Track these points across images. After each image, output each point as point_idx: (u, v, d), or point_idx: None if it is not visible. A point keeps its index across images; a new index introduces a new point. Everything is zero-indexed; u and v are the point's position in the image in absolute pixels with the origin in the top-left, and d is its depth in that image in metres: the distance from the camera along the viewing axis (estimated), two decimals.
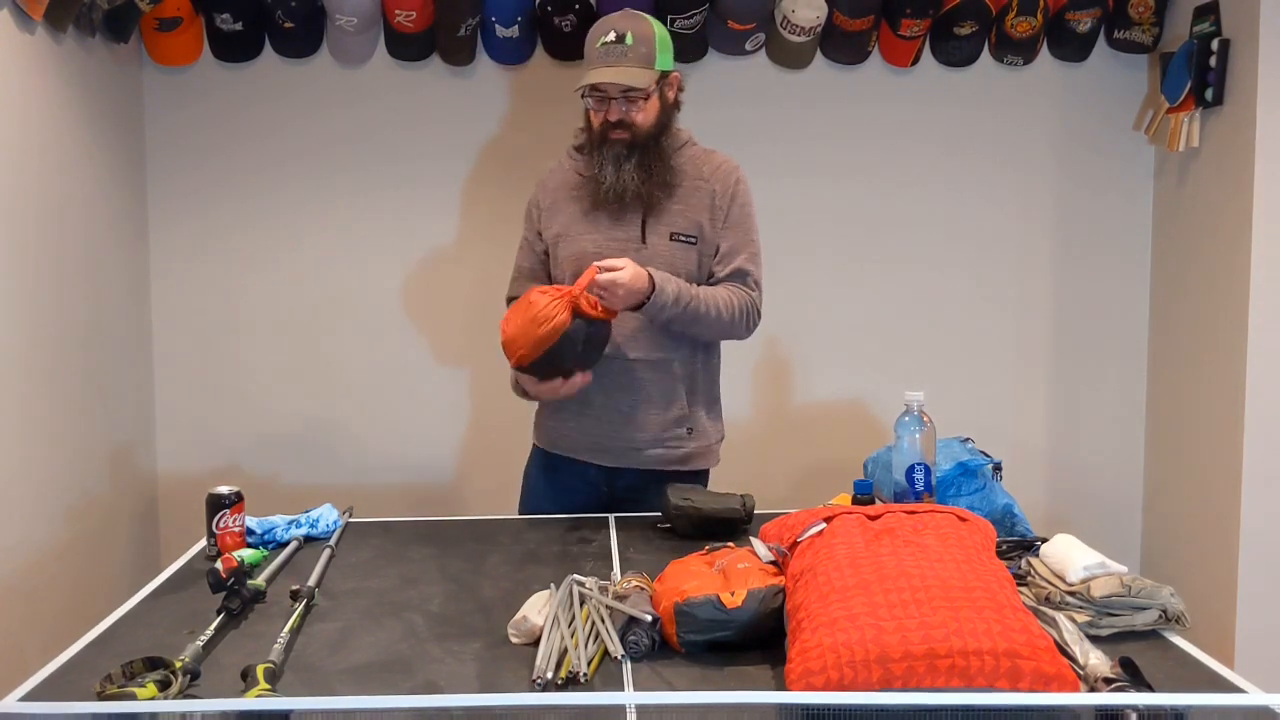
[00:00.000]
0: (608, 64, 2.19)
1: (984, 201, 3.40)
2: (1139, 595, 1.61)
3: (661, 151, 2.28)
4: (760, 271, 2.38)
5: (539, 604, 1.65)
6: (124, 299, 3.10)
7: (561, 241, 2.35)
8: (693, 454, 2.37)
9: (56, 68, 2.67)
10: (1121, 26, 3.28)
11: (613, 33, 2.20)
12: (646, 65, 2.21)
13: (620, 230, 2.30)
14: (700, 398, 2.38)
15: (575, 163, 2.38)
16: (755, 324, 2.36)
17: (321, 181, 3.29)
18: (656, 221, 2.29)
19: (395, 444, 3.37)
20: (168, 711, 1.36)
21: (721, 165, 2.36)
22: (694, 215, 2.31)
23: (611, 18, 2.26)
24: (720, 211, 2.33)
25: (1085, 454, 3.48)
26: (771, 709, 1.32)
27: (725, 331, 2.34)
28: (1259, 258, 2.90)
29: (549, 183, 2.41)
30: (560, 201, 2.37)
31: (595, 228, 2.31)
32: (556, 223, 2.36)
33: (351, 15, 3.07)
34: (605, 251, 2.26)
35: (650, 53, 2.21)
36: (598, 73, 2.19)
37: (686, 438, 2.36)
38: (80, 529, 2.78)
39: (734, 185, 2.35)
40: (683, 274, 2.28)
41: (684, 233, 2.30)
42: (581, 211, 2.33)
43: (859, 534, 1.58)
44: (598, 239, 2.30)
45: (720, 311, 2.27)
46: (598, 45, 2.21)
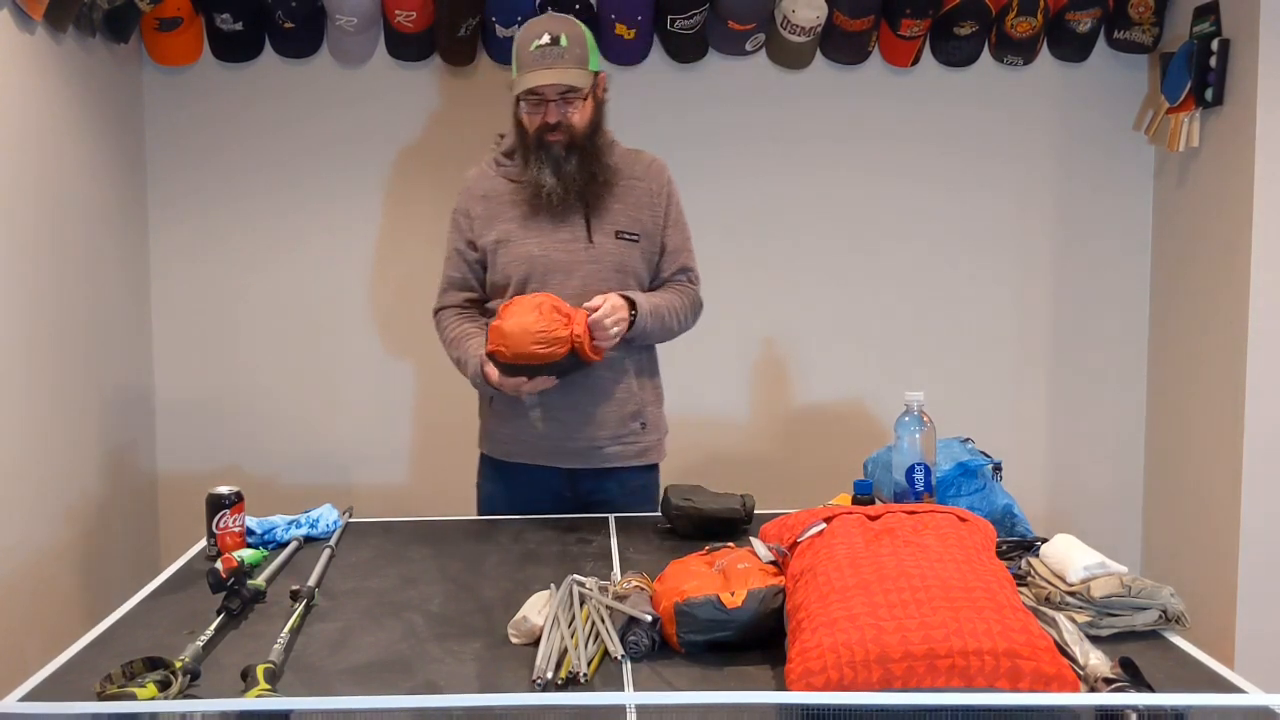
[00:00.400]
0: (545, 66, 2.18)
1: (984, 202, 3.40)
2: (1139, 595, 1.61)
3: (598, 151, 2.29)
4: (697, 262, 2.45)
5: (539, 604, 1.65)
6: (124, 299, 3.10)
7: (502, 248, 2.33)
8: (648, 448, 2.41)
9: (56, 68, 2.67)
10: (1121, 26, 3.28)
11: (546, 35, 2.19)
12: (582, 66, 2.22)
13: (565, 231, 2.30)
14: (649, 392, 2.41)
15: (504, 169, 2.36)
16: (699, 315, 2.46)
17: (321, 181, 3.29)
18: (600, 221, 2.31)
19: (395, 444, 3.37)
20: (168, 711, 1.36)
21: (651, 164, 2.39)
22: (634, 213, 2.34)
23: (541, 21, 2.25)
24: (659, 209, 2.36)
25: (1085, 454, 3.48)
26: (771, 709, 1.32)
27: (681, 331, 2.41)
28: (1259, 258, 2.90)
29: (476, 190, 2.37)
30: (495, 208, 2.34)
31: (538, 232, 2.30)
32: (494, 230, 2.33)
33: (351, 15, 3.07)
34: (552, 254, 2.28)
35: (584, 54, 2.23)
36: (537, 75, 2.19)
37: (641, 432, 2.39)
38: (80, 529, 2.78)
39: (667, 183, 2.39)
40: (630, 271, 2.32)
41: (628, 230, 2.33)
42: (520, 217, 2.31)
43: (859, 534, 1.58)
44: (543, 242, 2.30)
45: (679, 316, 2.37)
46: (532, 49, 2.19)
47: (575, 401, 2.31)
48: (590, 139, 2.27)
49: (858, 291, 3.41)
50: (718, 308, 3.36)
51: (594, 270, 2.29)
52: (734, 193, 3.36)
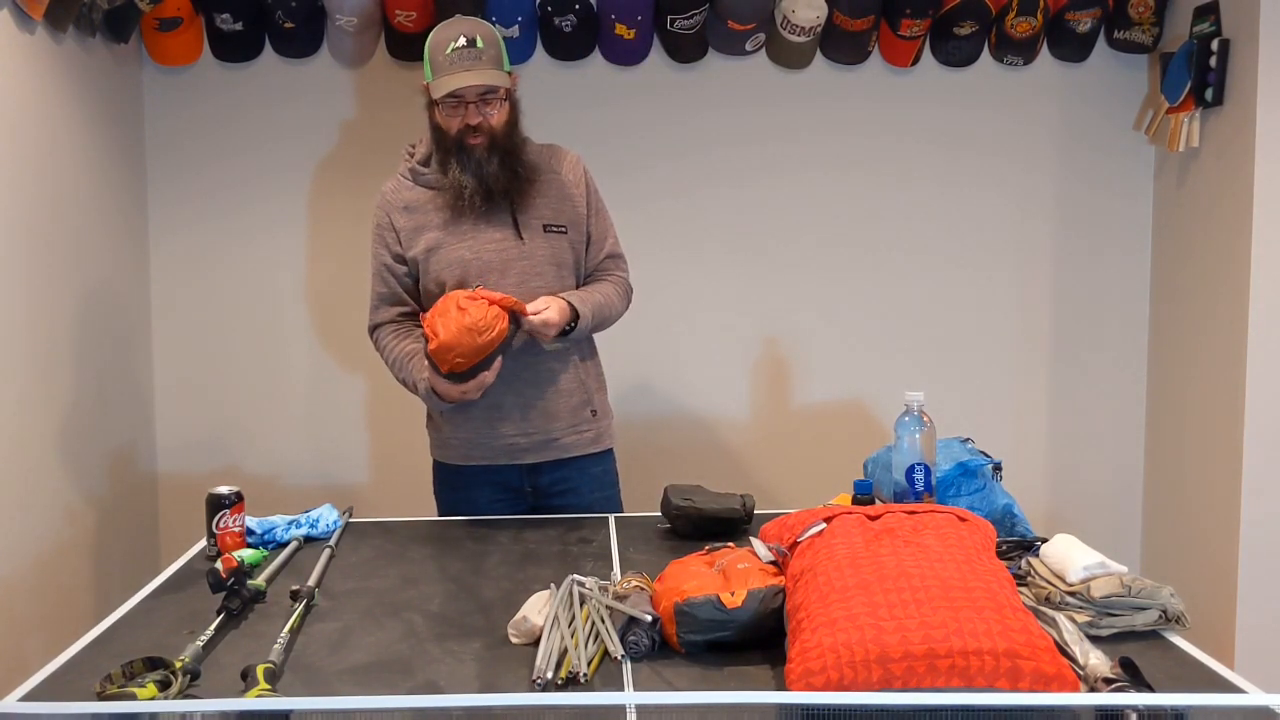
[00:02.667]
0: (465, 68, 2.18)
1: (984, 202, 3.40)
2: (1139, 595, 1.61)
3: (516, 148, 2.29)
4: (621, 246, 2.47)
5: (539, 604, 1.65)
6: (124, 299, 3.10)
7: (433, 256, 2.32)
8: (600, 434, 2.42)
9: (56, 68, 2.67)
10: (1121, 26, 3.28)
11: (462, 38, 2.19)
12: (499, 66, 2.23)
13: (494, 231, 2.30)
14: (594, 379, 2.44)
15: (421, 178, 2.35)
16: (631, 297, 2.48)
17: (322, 182, 3.29)
18: (527, 217, 2.32)
19: (396, 444, 3.37)
20: (168, 711, 1.36)
21: (566, 156, 2.41)
22: (558, 205, 2.35)
23: (453, 24, 2.24)
24: (580, 199, 2.38)
25: (1085, 454, 3.48)
26: (771, 709, 1.32)
27: (616, 319, 2.43)
28: (1259, 257, 2.90)
29: (396, 201, 2.36)
30: (418, 218, 2.33)
31: (466, 235, 2.30)
32: (423, 238, 2.32)
33: (351, 15, 3.07)
34: (484, 255, 2.29)
35: (499, 54, 2.24)
36: (457, 78, 2.18)
37: (593, 419, 2.40)
38: (80, 529, 2.78)
39: (584, 174, 2.41)
40: (563, 263, 2.35)
41: (554, 224, 2.34)
42: (445, 222, 2.31)
43: (859, 534, 1.58)
44: (473, 245, 2.30)
45: (615, 307, 2.39)
46: (448, 51, 2.19)
47: (526, 398, 2.32)
48: (509, 139, 2.28)
49: (858, 291, 3.41)
50: (718, 308, 3.38)
51: (527, 266, 2.31)
52: (733, 193, 3.36)
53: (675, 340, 3.38)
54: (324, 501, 2.26)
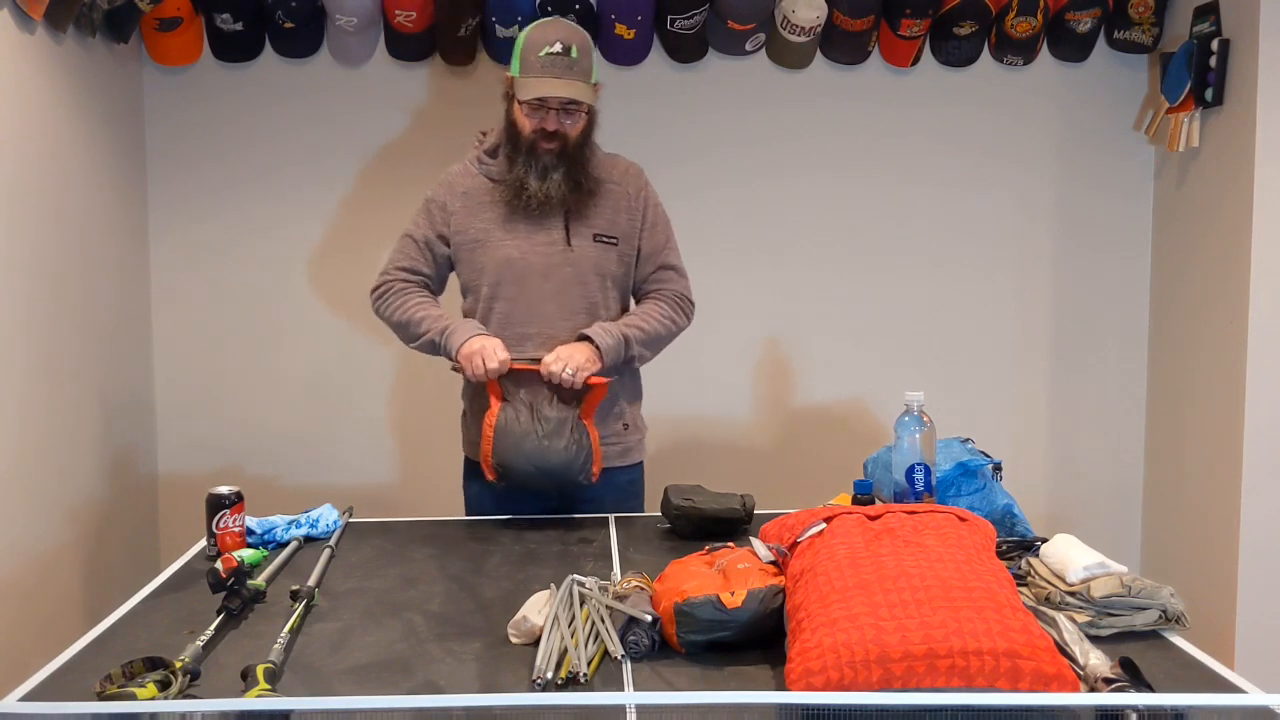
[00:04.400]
0: (555, 75, 2.19)
1: (984, 202, 3.40)
2: (1139, 595, 1.61)
3: (585, 160, 2.30)
4: (681, 261, 2.46)
5: (539, 604, 1.65)
6: (124, 299, 3.10)
7: (479, 248, 2.33)
8: (630, 447, 2.43)
9: (56, 68, 2.67)
10: (1121, 26, 3.29)
11: (559, 44, 2.19)
12: (588, 79, 2.24)
13: (543, 234, 2.31)
14: (630, 393, 2.44)
15: (486, 167, 2.36)
16: (691, 310, 2.47)
17: (322, 182, 3.29)
18: (579, 224, 2.32)
19: (396, 444, 3.38)
20: (168, 711, 1.36)
21: (628, 169, 2.41)
22: (612, 216, 2.35)
23: (552, 27, 2.24)
24: (636, 212, 2.38)
25: (1085, 454, 3.48)
26: (771, 709, 1.32)
27: (674, 336, 2.43)
28: (1259, 257, 2.90)
29: (457, 185, 2.37)
30: (474, 206, 2.34)
31: (516, 234, 2.31)
32: (472, 227, 2.34)
33: (351, 15, 3.08)
34: (530, 257, 2.30)
35: (590, 66, 2.24)
36: (546, 84, 2.19)
37: (623, 433, 2.41)
38: (80, 529, 2.78)
39: (644, 187, 2.41)
40: (607, 274, 2.35)
41: (606, 234, 2.34)
42: (499, 217, 2.32)
43: (859, 534, 1.58)
44: (520, 244, 2.31)
45: (662, 323, 2.37)
46: (541, 54, 2.19)
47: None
48: (580, 149, 2.28)
49: (858, 291, 3.41)
50: (718, 308, 3.37)
51: (571, 273, 2.31)
52: (734, 193, 3.36)
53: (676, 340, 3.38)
54: (325, 501, 2.26)
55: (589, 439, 2.25)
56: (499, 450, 2.22)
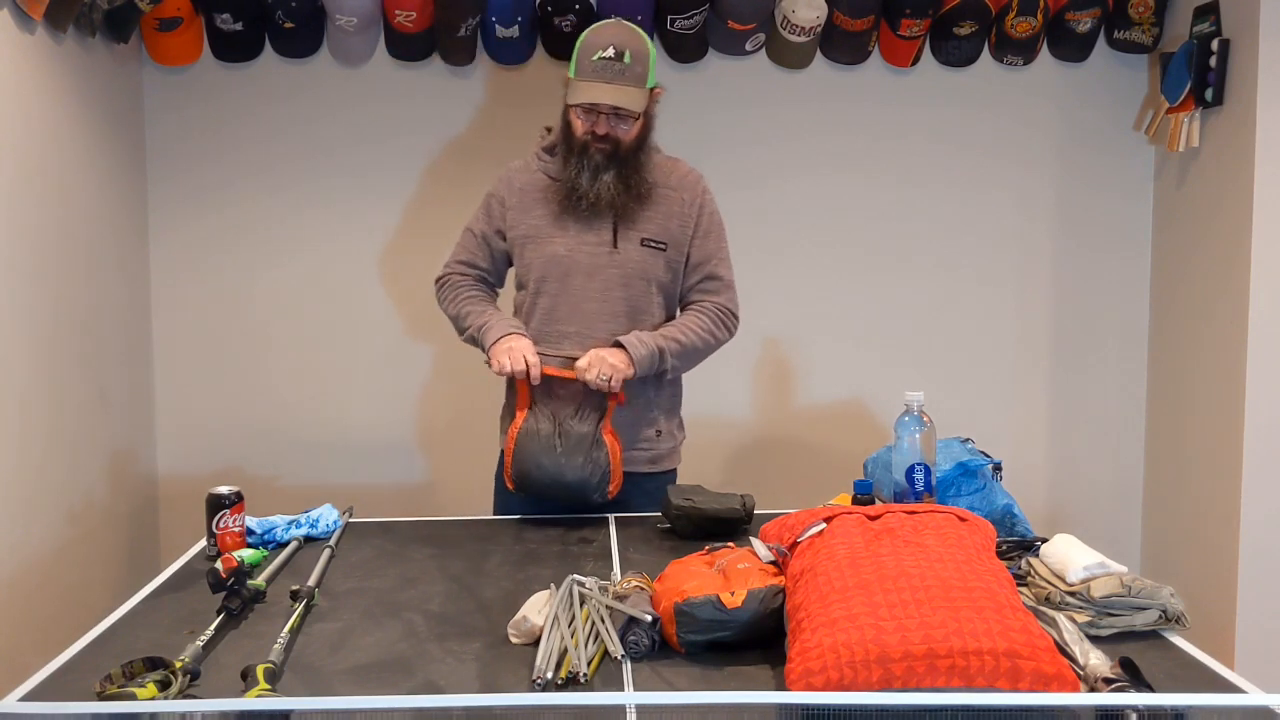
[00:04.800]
0: (605, 80, 2.20)
1: (984, 202, 3.40)
2: (1139, 595, 1.61)
3: (639, 164, 2.30)
4: (731, 273, 2.44)
5: (539, 604, 1.65)
6: (124, 299, 3.10)
7: (530, 243, 2.36)
8: (662, 455, 2.43)
9: (56, 68, 2.67)
10: (1121, 26, 3.29)
11: (611, 48, 2.20)
12: (642, 85, 2.24)
13: (592, 235, 2.32)
14: (666, 401, 2.44)
15: (544, 164, 2.38)
16: (735, 324, 2.44)
17: (321, 182, 3.29)
18: (628, 228, 2.32)
19: (396, 444, 3.37)
20: (168, 711, 1.36)
21: (687, 175, 2.40)
22: (664, 222, 2.35)
23: (608, 29, 2.25)
24: (689, 220, 2.37)
25: (1085, 454, 3.48)
26: (771, 709, 1.32)
27: (713, 349, 2.41)
28: (1259, 257, 2.90)
29: (515, 181, 2.40)
30: (529, 202, 2.37)
31: (565, 231, 2.33)
32: (524, 223, 2.36)
33: (351, 15, 3.07)
34: (576, 255, 2.31)
35: (645, 72, 2.24)
36: (596, 90, 2.20)
37: (654, 440, 2.41)
38: (80, 529, 2.78)
39: (701, 195, 2.40)
40: (652, 279, 2.34)
41: (655, 239, 2.34)
42: (551, 215, 2.34)
43: (859, 534, 1.58)
44: (568, 243, 2.32)
45: (700, 336, 2.35)
46: (594, 58, 2.20)
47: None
48: (634, 153, 2.28)
49: (858, 291, 3.41)
50: None
51: (615, 275, 2.32)
52: (734, 193, 3.33)
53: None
54: (325, 501, 2.26)
55: (607, 458, 2.27)
56: (518, 461, 2.26)
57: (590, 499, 2.27)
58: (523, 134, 3.27)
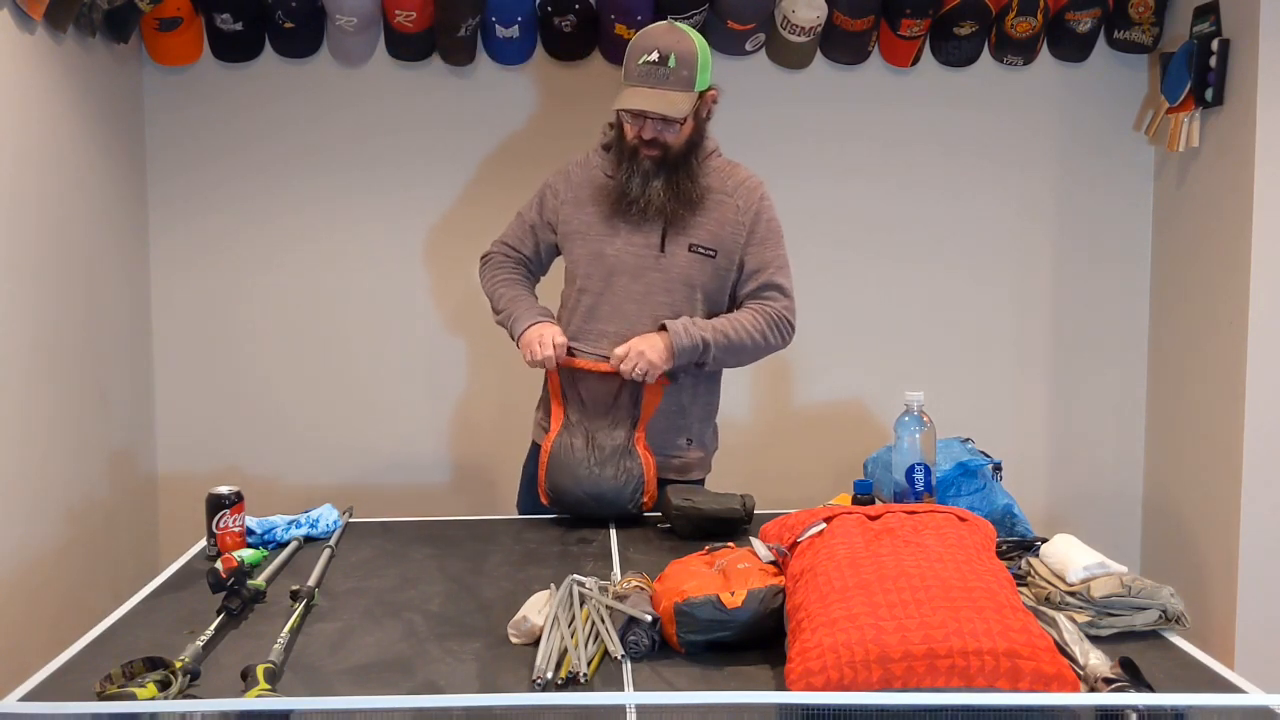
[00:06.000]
0: (648, 85, 2.17)
1: (984, 202, 3.40)
2: (1139, 595, 1.61)
3: (690, 169, 2.27)
4: (790, 283, 2.39)
5: (539, 604, 1.65)
6: (124, 299, 3.10)
7: (578, 240, 2.36)
8: (689, 464, 2.41)
9: (56, 68, 2.67)
10: (1121, 26, 3.29)
11: (656, 52, 2.16)
12: (687, 89, 2.19)
13: (640, 237, 2.31)
14: (700, 409, 2.42)
15: (603, 161, 2.37)
16: (790, 333, 2.39)
17: (321, 182, 3.29)
18: (677, 233, 2.30)
19: (396, 444, 3.37)
20: (168, 711, 1.36)
21: (746, 181, 2.36)
22: (714, 229, 2.32)
23: (656, 32, 2.22)
24: (743, 227, 2.33)
25: (1085, 454, 3.48)
26: (771, 709, 1.32)
27: (761, 352, 2.37)
28: (1259, 258, 2.90)
29: (574, 176, 2.40)
30: (583, 199, 2.37)
31: (615, 232, 2.32)
32: (577, 219, 2.37)
33: (351, 15, 3.07)
34: (623, 256, 2.31)
35: (691, 75, 2.19)
36: (638, 95, 2.17)
37: (685, 448, 2.39)
38: (80, 529, 2.78)
39: (758, 201, 2.34)
40: (698, 285, 2.32)
41: (703, 245, 2.31)
42: (602, 214, 2.33)
43: (859, 534, 1.58)
44: (616, 243, 2.32)
45: (752, 333, 2.31)
46: (639, 62, 2.17)
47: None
48: (685, 157, 2.26)
49: (858, 290, 3.40)
50: None
51: (660, 279, 2.31)
52: None
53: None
54: (325, 501, 2.26)
55: (641, 468, 2.27)
56: (552, 475, 2.27)
57: (626, 508, 2.26)
58: (523, 134, 3.29)
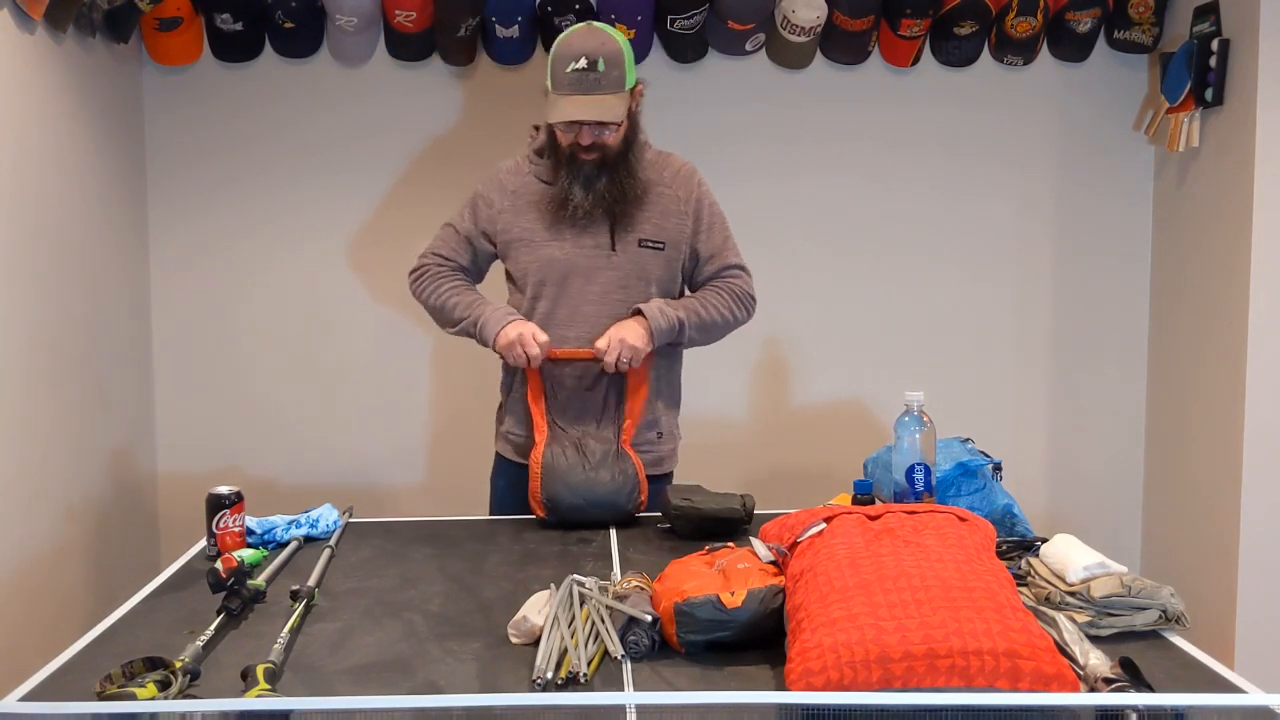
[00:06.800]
0: (581, 92, 2.15)
1: (984, 202, 3.40)
2: (1139, 595, 1.61)
3: (630, 166, 2.27)
4: (742, 259, 2.43)
5: (539, 604, 1.65)
6: (124, 299, 3.10)
7: (523, 247, 2.33)
8: (663, 457, 2.42)
9: (56, 68, 2.67)
10: (1121, 26, 3.29)
11: (584, 58, 2.14)
12: (619, 89, 2.18)
13: (588, 238, 2.30)
14: (666, 401, 2.42)
15: (536, 167, 2.35)
16: (753, 306, 2.45)
17: (321, 182, 3.29)
18: (624, 230, 2.30)
19: (396, 444, 3.38)
20: (168, 711, 1.36)
21: (680, 170, 2.37)
22: (659, 221, 2.33)
23: (577, 37, 2.18)
24: (687, 217, 2.35)
25: (1085, 454, 3.48)
26: (771, 709, 1.32)
27: (730, 328, 2.40)
28: (1259, 258, 2.90)
29: (507, 184, 2.36)
30: (521, 205, 2.34)
31: (560, 236, 2.31)
32: (518, 226, 2.34)
33: (351, 15, 3.07)
34: (574, 259, 2.30)
35: (621, 75, 2.18)
36: (573, 104, 2.15)
37: (657, 442, 2.40)
38: (80, 529, 2.78)
39: (697, 189, 2.37)
40: (652, 279, 2.33)
41: (652, 239, 2.32)
42: (544, 220, 2.31)
43: (859, 534, 1.58)
44: (565, 246, 2.30)
45: (720, 313, 2.35)
46: (568, 70, 2.14)
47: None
48: (624, 155, 2.26)
49: (858, 291, 3.40)
50: None
51: (615, 278, 2.31)
52: (733, 193, 3.32)
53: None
54: (325, 501, 2.26)
55: (634, 468, 2.27)
56: (547, 485, 2.23)
57: (624, 509, 2.25)
58: (522, 134, 3.28)
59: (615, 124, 2.21)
